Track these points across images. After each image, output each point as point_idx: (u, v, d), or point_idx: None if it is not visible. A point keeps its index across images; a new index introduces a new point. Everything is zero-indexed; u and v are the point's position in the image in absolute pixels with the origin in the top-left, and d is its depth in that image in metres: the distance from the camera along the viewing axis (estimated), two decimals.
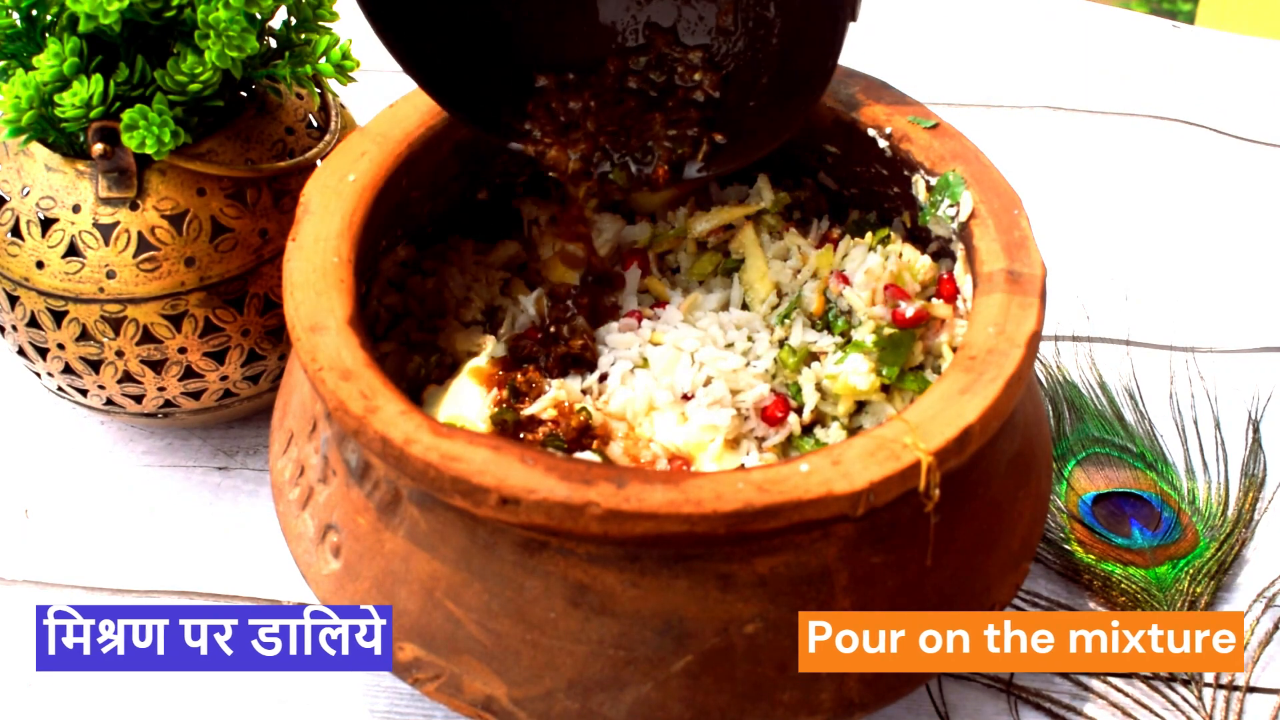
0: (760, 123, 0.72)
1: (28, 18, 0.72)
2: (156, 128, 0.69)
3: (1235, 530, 0.78)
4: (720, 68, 0.73)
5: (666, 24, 0.73)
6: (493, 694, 0.61)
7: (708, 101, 0.73)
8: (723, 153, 0.73)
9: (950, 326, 0.72)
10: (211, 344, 0.75)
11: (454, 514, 0.60)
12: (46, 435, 0.85)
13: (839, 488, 0.57)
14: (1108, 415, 0.84)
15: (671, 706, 0.60)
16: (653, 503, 0.56)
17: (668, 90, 0.74)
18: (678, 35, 0.73)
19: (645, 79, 0.73)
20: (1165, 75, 1.11)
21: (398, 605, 0.62)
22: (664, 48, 0.73)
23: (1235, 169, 1.03)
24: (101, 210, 0.73)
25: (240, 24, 0.69)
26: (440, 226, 0.77)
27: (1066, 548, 0.78)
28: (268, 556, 0.78)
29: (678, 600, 0.59)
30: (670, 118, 0.72)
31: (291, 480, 0.68)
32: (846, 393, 0.71)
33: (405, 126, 0.71)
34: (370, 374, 0.61)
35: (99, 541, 0.79)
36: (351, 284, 0.65)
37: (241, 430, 0.85)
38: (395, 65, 0.70)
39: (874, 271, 0.73)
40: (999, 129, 1.06)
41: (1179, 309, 0.92)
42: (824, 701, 0.61)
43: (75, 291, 0.73)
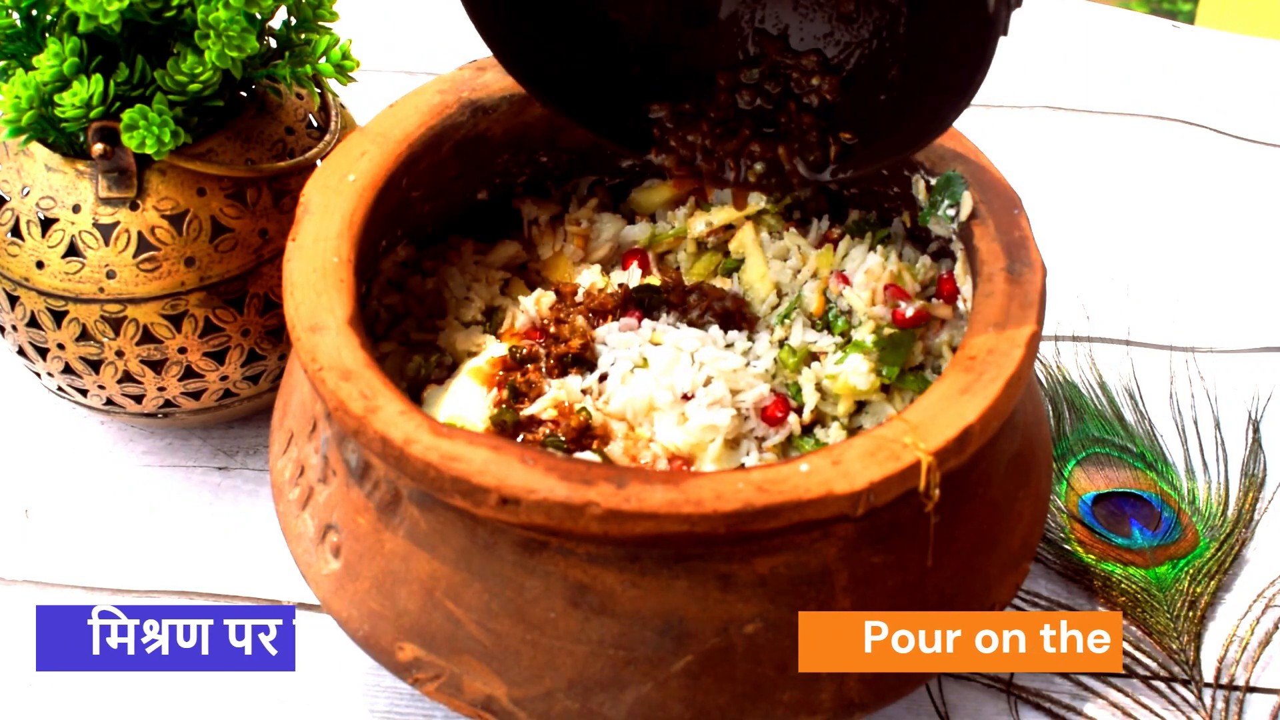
0: (898, 119, 0.68)
1: (28, 18, 0.72)
2: (156, 128, 0.69)
3: (1235, 530, 0.78)
4: (838, 70, 0.70)
5: (784, 22, 0.70)
6: (493, 694, 0.61)
7: (822, 106, 0.70)
8: (856, 153, 0.70)
9: (950, 327, 0.72)
10: (211, 344, 0.75)
11: (454, 514, 0.60)
12: (46, 435, 0.85)
13: (839, 488, 0.57)
14: (1108, 415, 0.84)
15: (671, 706, 0.60)
16: (653, 503, 0.56)
17: (783, 100, 0.71)
18: (788, 41, 0.70)
19: (760, 89, 0.71)
20: (1165, 75, 1.11)
21: (398, 605, 0.62)
22: (776, 55, 0.71)
23: (1235, 169, 1.03)
24: (101, 210, 0.73)
25: (240, 24, 0.69)
26: (440, 226, 0.78)
27: (1066, 548, 0.78)
28: (268, 556, 0.78)
29: (678, 600, 0.59)
30: (791, 143, 0.70)
31: (291, 480, 0.68)
32: (846, 393, 0.71)
33: (405, 126, 0.71)
34: (370, 374, 0.61)
35: (99, 541, 0.79)
36: (351, 284, 0.65)
37: (241, 430, 0.85)
38: (395, 65, 0.70)
39: (874, 271, 0.73)
40: (999, 129, 1.06)
41: (1179, 309, 0.92)
42: (824, 701, 0.61)
43: (75, 291, 0.73)
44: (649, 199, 0.80)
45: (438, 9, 1.13)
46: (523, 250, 0.79)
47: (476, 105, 0.73)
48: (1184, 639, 0.74)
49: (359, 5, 1.06)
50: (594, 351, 0.72)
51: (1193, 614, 0.75)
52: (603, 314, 0.74)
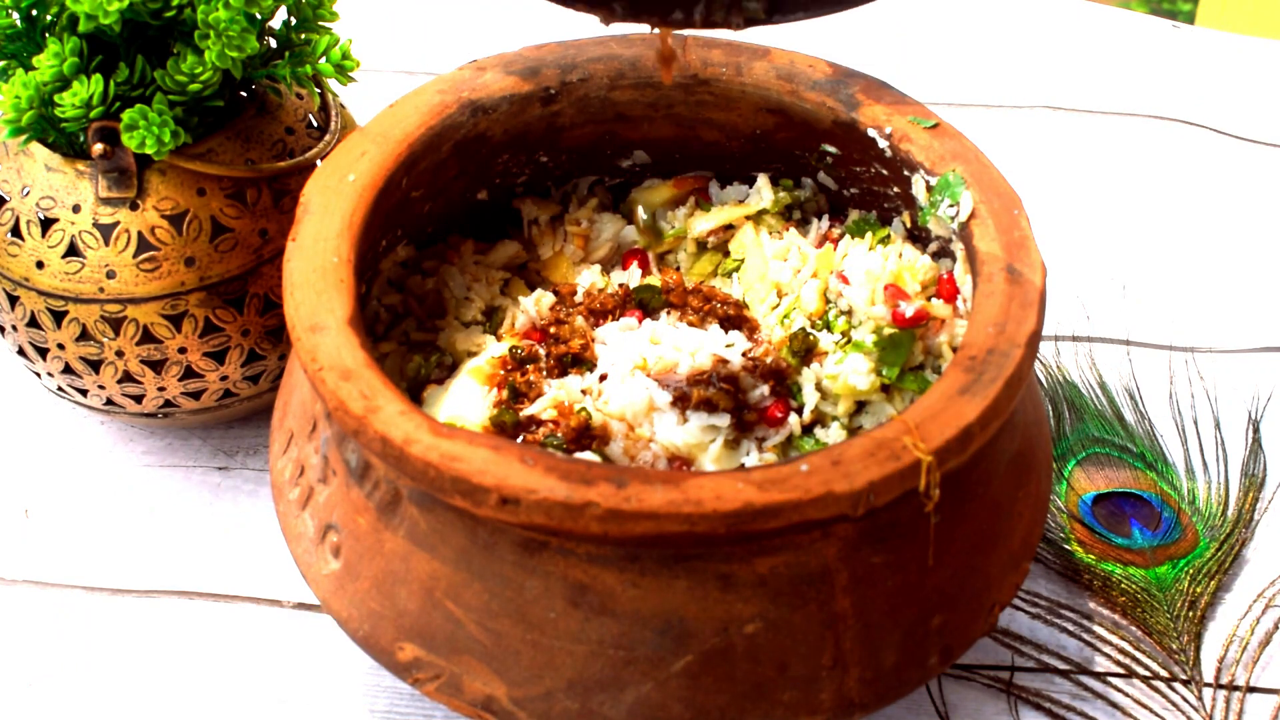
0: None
1: (28, 18, 0.72)
2: (156, 128, 0.69)
3: (1235, 530, 0.78)
4: None
5: None
6: (493, 694, 0.61)
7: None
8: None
9: (950, 326, 0.72)
10: (211, 344, 0.75)
11: (454, 514, 0.60)
12: (46, 435, 0.85)
13: (839, 488, 0.57)
14: (1108, 415, 0.84)
15: (671, 706, 0.60)
16: (653, 503, 0.56)
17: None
18: None
19: None
20: (1165, 75, 1.11)
21: (398, 605, 0.62)
22: None
23: (1235, 169, 1.03)
24: (101, 210, 0.73)
25: (240, 24, 0.69)
26: (440, 226, 0.78)
27: (1066, 547, 0.78)
28: (268, 556, 0.78)
29: (678, 600, 0.59)
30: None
31: (291, 480, 0.68)
32: (847, 393, 0.71)
33: (405, 126, 0.71)
34: (370, 374, 0.61)
35: (99, 541, 0.79)
36: (351, 284, 0.65)
37: (241, 430, 0.85)
38: (395, 65, 0.70)
39: (874, 272, 0.73)
40: (999, 129, 1.06)
41: (1179, 309, 0.92)
42: (824, 701, 0.61)
43: (75, 291, 0.73)
44: (649, 199, 0.80)
45: (437, 9, 1.14)
46: (523, 250, 0.79)
47: (476, 105, 0.73)
48: (1184, 639, 0.74)
49: (359, 5, 1.06)
50: (594, 352, 0.72)
51: (1193, 614, 0.75)
52: (603, 314, 0.74)
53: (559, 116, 0.75)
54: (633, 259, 0.78)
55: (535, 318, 0.74)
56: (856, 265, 0.74)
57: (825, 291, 0.74)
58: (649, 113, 0.76)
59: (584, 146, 0.78)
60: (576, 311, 0.74)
